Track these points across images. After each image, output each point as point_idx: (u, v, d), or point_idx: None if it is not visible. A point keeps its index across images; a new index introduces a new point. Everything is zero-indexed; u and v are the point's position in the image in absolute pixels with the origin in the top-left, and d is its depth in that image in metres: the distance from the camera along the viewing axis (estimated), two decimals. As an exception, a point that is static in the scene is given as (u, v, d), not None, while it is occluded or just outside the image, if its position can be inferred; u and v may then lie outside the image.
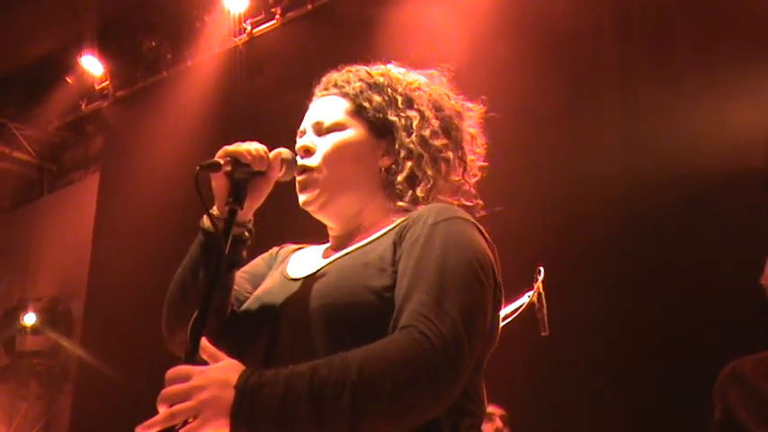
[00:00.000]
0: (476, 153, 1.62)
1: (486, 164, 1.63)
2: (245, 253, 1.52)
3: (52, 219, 7.04)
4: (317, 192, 1.50)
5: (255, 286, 1.59)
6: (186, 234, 1.54)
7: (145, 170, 5.86)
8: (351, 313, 1.31)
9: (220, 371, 1.20)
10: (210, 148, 1.48)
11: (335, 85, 1.60)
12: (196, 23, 5.69)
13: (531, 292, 2.51)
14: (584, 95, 3.90)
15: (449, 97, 1.62)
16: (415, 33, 4.19)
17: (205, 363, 1.23)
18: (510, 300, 2.51)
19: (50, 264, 6.87)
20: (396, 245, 1.38)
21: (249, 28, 5.47)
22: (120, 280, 5.65)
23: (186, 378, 1.19)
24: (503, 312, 2.57)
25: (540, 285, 2.52)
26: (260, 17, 5.43)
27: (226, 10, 5.49)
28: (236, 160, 1.41)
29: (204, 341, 1.24)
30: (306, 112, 1.61)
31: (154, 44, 5.97)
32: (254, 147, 1.44)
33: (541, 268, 2.54)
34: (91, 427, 5.38)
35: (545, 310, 2.51)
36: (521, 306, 2.50)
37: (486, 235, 1.42)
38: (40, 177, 7.28)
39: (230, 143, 1.46)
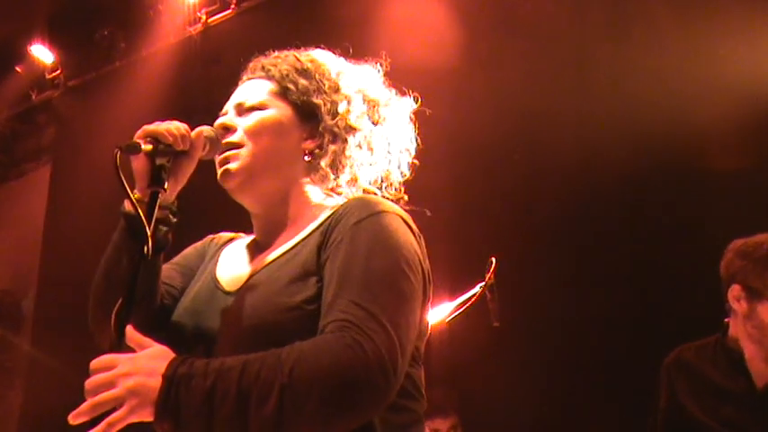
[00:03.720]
0: (406, 150, 1.60)
1: (416, 162, 1.61)
2: (170, 236, 1.48)
3: (4, 211, 6.88)
4: (237, 167, 1.47)
5: (186, 279, 1.56)
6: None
7: (98, 162, 5.73)
8: (277, 334, 1.27)
9: (148, 358, 1.18)
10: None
11: (262, 69, 1.57)
12: (150, 12, 5.59)
13: (482, 283, 2.53)
14: (538, 75, 3.86)
15: (379, 88, 1.60)
16: (370, 20, 4.16)
17: (132, 351, 1.20)
18: (462, 291, 2.53)
19: (2, 257, 6.72)
20: (320, 248, 1.35)
21: (204, 17, 5.40)
22: (71, 273, 5.53)
23: (112, 367, 1.16)
24: (455, 302, 2.60)
25: (492, 276, 2.54)
26: (215, 6, 5.36)
27: (180, -1, 5.42)
28: (156, 140, 1.36)
29: (130, 329, 1.21)
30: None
31: (106, 33, 5.84)
32: (174, 125, 1.40)
33: (493, 259, 2.56)
34: (41, 423, 5.28)
35: (496, 301, 2.53)
36: (472, 296, 2.51)
37: (412, 224, 1.40)
38: (-10, 169, 7.11)
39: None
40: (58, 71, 6.13)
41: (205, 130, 1.46)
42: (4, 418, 6.14)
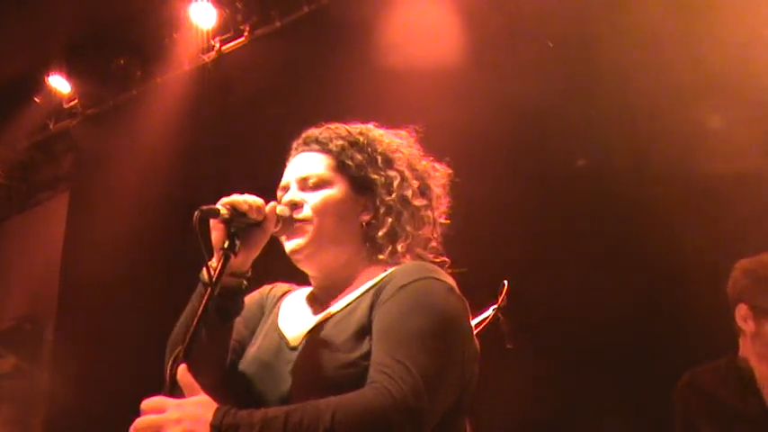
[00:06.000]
0: (442, 212, 1.74)
1: (448, 222, 1.75)
2: (243, 302, 1.60)
3: (22, 239, 6.97)
4: (305, 241, 1.59)
5: (249, 329, 1.67)
6: (155, 255, 1.57)
7: (115, 189, 5.83)
8: (334, 387, 1.38)
9: (195, 406, 1.26)
10: (181, 165, 1.50)
11: (317, 142, 1.68)
12: (165, 41, 5.68)
13: (495, 306, 2.55)
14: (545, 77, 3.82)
15: (420, 159, 1.74)
16: (379, 57, 4.17)
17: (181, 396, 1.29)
18: (475, 313, 2.54)
19: (21, 285, 6.80)
20: (372, 308, 1.48)
21: (218, 45, 5.47)
22: (90, 300, 5.60)
23: (161, 409, 1.24)
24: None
25: (505, 299, 2.56)
26: (228, 34, 5.44)
27: (194, 27, 5.48)
28: (233, 209, 1.48)
29: (183, 368, 1.30)
30: (285, 166, 1.71)
31: (123, 62, 5.95)
32: (251, 198, 1.53)
33: (506, 282, 2.58)
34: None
35: (509, 323, 2.54)
36: (485, 319, 2.53)
37: (455, 290, 1.52)
38: (8, 197, 7.21)
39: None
40: (76, 100, 6.23)
41: (279, 207, 1.58)
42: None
